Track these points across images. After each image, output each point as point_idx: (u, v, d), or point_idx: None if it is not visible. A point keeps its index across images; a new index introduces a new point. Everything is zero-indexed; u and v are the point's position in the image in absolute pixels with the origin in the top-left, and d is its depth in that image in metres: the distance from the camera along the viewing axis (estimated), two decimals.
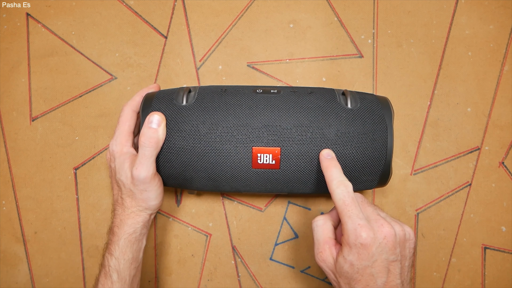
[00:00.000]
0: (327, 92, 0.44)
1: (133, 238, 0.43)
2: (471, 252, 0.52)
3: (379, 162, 0.42)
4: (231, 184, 0.44)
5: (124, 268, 0.42)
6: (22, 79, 0.54)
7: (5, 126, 0.54)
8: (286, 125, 0.41)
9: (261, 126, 0.42)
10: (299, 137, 0.41)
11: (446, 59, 0.53)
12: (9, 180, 0.53)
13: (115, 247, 0.42)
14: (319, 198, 0.53)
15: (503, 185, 0.52)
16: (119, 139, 0.44)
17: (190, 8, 0.54)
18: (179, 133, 0.42)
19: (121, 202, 0.43)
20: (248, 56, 0.54)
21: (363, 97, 0.44)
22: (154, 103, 0.43)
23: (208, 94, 0.44)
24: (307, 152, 0.41)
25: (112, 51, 0.54)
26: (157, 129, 0.41)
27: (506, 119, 0.52)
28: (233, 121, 0.42)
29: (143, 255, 0.45)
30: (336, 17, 0.54)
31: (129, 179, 0.42)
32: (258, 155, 0.41)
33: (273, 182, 0.43)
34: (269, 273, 0.53)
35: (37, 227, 0.53)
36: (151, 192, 0.42)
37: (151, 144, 0.40)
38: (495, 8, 0.53)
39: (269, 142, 0.41)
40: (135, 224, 0.43)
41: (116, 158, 0.43)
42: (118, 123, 0.45)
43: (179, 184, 0.45)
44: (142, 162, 0.41)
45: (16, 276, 0.53)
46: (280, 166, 0.42)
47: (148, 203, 0.43)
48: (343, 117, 0.42)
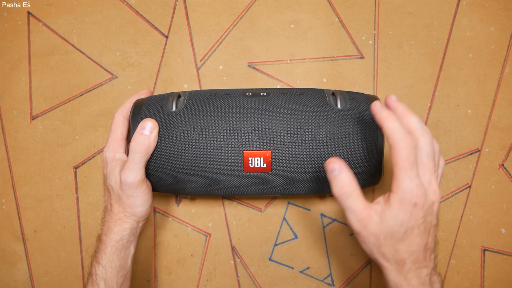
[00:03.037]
0: (316, 93, 0.44)
1: (120, 246, 0.42)
2: (471, 254, 0.52)
3: (370, 161, 0.42)
4: (224, 189, 0.44)
5: (111, 276, 0.42)
6: (22, 78, 0.54)
7: (5, 124, 0.54)
8: (277, 128, 0.42)
9: (252, 130, 0.42)
10: (289, 139, 0.41)
11: (447, 61, 0.53)
12: (9, 179, 0.53)
13: (102, 255, 0.42)
14: (318, 199, 0.53)
15: (503, 187, 0.52)
16: (111, 146, 0.44)
17: (191, 8, 0.54)
18: (170, 139, 0.42)
19: (110, 209, 0.44)
20: (249, 56, 0.54)
21: (352, 97, 0.44)
22: (144, 109, 0.43)
23: (198, 99, 0.44)
24: (298, 154, 0.41)
25: (113, 50, 0.54)
26: (149, 136, 0.41)
27: (507, 121, 0.52)
28: (223, 126, 0.42)
29: (132, 263, 0.44)
30: (337, 18, 0.54)
31: (118, 184, 0.42)
32: (249, 159, 0.41)
33: (265, 185, 0.43)
34: (268, 273, 0.53)
35: (37, 225, 0.53)
36: (137, 198, 0.42)
37: (141, 150, 0.40)
38: (496, 10, 0.53)
39: (260, 146, 0.41)
40: (122, 231, 0.43)
41: (108, 164, 0.43)
42: (110, 130, 0.45)
43: (172, 190, 0.45)
44: (130, 167, 0.41)
45: (15, 274, 0.53)
46: (271, 169, 0.42)
47: (134, 209, 0.43)
48: (333, 118, 0.42)
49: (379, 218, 0.36)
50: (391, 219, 0.36)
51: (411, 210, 0.35)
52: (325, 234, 0.53)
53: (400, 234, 0.36)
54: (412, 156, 0.35)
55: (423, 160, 0.36)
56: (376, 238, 0.36)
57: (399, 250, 0.36)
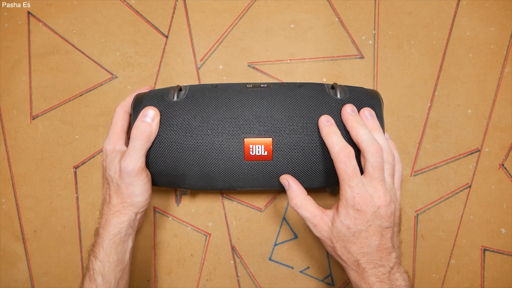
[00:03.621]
0: (316, 85, 0.45)
1: (117, 239, 0.42)
2: (471, 254, 0.52)
3: None
4: (224, 180, 0.44)
5: (109, 271, 0.41)
6: (22, 78, 0.54)
7: (5, 124, 0.54)
8: (277, 116, 0.42)
9: (253, 118, 0.42)
10: (290, 127, 0.41)
11: (446, 61, 0.53)
12: (9, 179, 0.53)
13: (99, 249, 0.42)
14: (318, 198, 0.53)
15: (503, 187, 0.52)
16: (112, 138, 0.44)
17: (191, 8, 0.54)
18: (171, 128, 0.42)
19: (108, 201, 0.43)
20: (249, 56, 0.54)
21: (352, 89, 0.45)
22: (145, 100, 0.44)
23: (199, 91, 0.44)
24: (299, 142, 0.42)
25: (113, 50, 0.54)
26: (150, 123, 0.41)
27: (507, 121, 0.52)
28: (224, 114, 0.42)
29: (130, 257, 0.44)
30: (337, 18, 0.54)
31: (117, 173, 0.42)
32: (250, 146, 0.41)
33: (266, 175, 0.43)
34: (268, 273, 0.53)
35: (37, 225, 0.53)
36: (137, 187, 0.42)
37: (143, 137, 0.41)
38: (496, 10, 0.53)
39: (261, 133, 0.42)
40: (120, 223, 0.42)
41: (108, 156, 0.44)
42: (111, 123, 0.46)
43: (171, 182, 0.45)
44: (130, 155, 0.41)
45: (15, 274, 0.53)
46: (272, 157, 0.42)
47: (133, 199, 0.42)
48: (333, 107, 0.42)
49: (330, 224, 0.40)
50: (338, 224, 0.40)
51: (355, 215, 0.39)
52: None
53: (348, 237, 0.39)
54: (350, 168, 0.38)
55: (368, 170, 0.39)
56: (330, 241, 0.41)
57: (351, 251, 0.39)
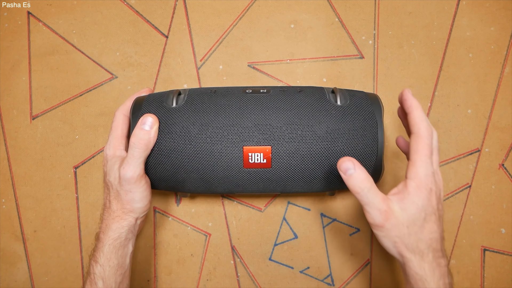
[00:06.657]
0: (316, 90, 0.45)
1: (118, 244, 0.42)
2: (471, 254, 0.52)
3: (370, 158, 0.42)
4: (223, 185, 0.44)
5: (109, 275, 0.41)
6: (22, 78, 0.54)
7: (5, 124, 0.54)
8: (277, 124, 0.42)
9: (252, 125, 0.42)
10: (289, 135, 0.41)
11: (446, 61, 0.53)
12: (9, 179, 0.53)
13: (100, 253, 0.42)
14: (318, 199, 0.53)
15: (503, 187, 0.52)
16: (112, 143, 0.44)
17: (191, 8, 0.54)
18: (170, 135, 0.42)
19: (108, 206, 0.43)
20: (249, 56, 0.54)
21: (352, 94, 0.44)
22: (144, 106, 0.44)
23: (198, 96, 0.44)
24: (298, 150, 0.41)
25: (113, 50, 0.54)
26: (149, 131, 0.41)
27: (507, 121, 0.52)
28: (224, 121, 0.42)
29: (130, 261, 0.44)
30: (337, 18, 0.54)
31: (117, 180, 0.42)
32: (249, 154, 0.41)
33: (265, 181, 0.43)
34: (268, 273, 0.53)
35: (37, 225, 0.53)
36: (136, 194, 0.42)
37: (141, 145, 0.40)
38: (496, 10, 0.53)
39: (260, 141, 0.41)
40: (120, 228, 0.42)
41: (108, 161, 0.44)
42: (111, 128, 0.45)
43: (171, 187, 0.45)
44: (129, 162, 0.41)
45: (15, 274, 0.53)
46: (271, 165, 0.42)
47: (132, 205, 0.42)
48: (333, 114, 0.42)
49: (399, 207, 0.37)
50: (411, 206, 0.37)
51: (428, 195, 0.37)
52: (325, 234, 0.53)
53: (420, 220, 0.37)
54: (431, 146, 0.38)
55: (434, 152, 0.39)
56: (399, 229, 0.37)
57: (421, 238, 0.37)
